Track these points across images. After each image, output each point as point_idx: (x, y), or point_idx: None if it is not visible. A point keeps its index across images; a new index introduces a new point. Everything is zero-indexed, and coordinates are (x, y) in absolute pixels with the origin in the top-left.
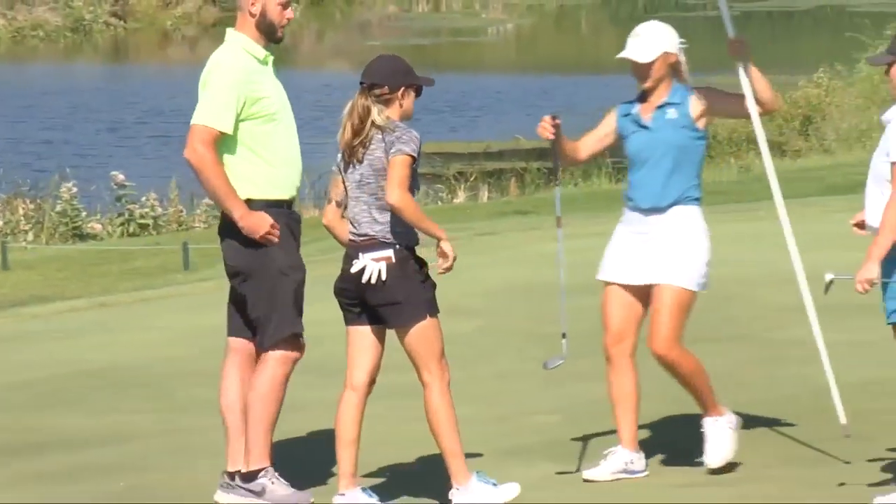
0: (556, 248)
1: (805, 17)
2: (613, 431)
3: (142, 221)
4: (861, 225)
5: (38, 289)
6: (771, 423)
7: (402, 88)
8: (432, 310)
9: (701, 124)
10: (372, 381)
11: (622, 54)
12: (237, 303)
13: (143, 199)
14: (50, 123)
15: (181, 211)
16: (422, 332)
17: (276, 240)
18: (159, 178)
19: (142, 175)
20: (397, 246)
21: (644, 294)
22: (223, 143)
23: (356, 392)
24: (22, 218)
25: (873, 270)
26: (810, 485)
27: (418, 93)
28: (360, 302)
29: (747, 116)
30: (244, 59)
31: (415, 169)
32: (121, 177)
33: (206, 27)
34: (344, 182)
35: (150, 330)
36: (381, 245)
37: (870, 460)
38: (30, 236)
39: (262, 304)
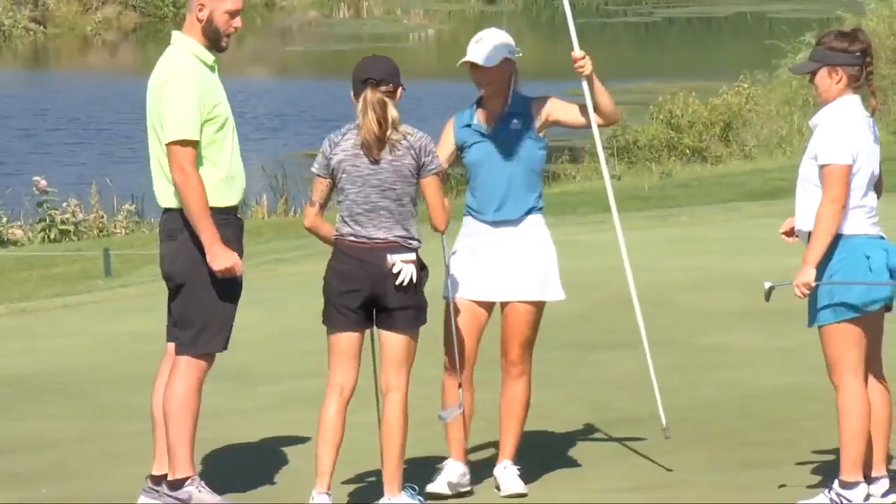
0: None
1: (725, 24)
2: (537, 435)
3: (63, 227)
4: (790, 232)
5: None
6: (694, 428)
7: (399, 87)
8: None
9: (542, 133)
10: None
11: (465, 59)
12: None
13: (64, 204)
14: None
15: (102, 217)
16: (415, 337)
17: (235, 279)
18: (79, 183)
19: (62, 181)
20: (416, 251)
21: (487, 309)
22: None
23: (343, 397)
24: None
25: (810, 274)
26: (735, 489)
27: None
28: (368, 304)
29: (587, 126)
30: (195, 64)
31: None
32: (43, 182)
33: (127, 32)
34: (336, 179)
35: (71, 336)
36: (403, 248)
37: (795, 464)
38: None
39: (188, 312)
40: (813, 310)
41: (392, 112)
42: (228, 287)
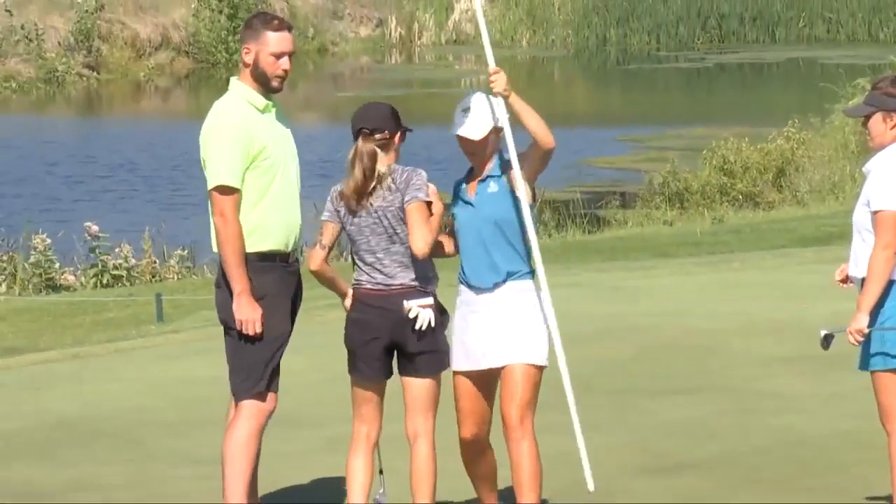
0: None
1: (776, 70)
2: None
3: (115, 272)
4: (845, 279)
5: (10, 340)
6: (745, 474)
7: (399, 132)
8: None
9: (529, 192)
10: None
11: (456, 131)
12: None
13: (117, 250)
14: (21, 175)
15: (154, 262)
16: (438, 381)
17: (252, 333)
18: (132, 229)
19: (115, 226)
20: (433, 294)
21: (491, 377)
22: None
23: (369, 445)
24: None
25: (864, 321)
26: None
27: (403, 137)
28: (389, 350)
29: (542, 159)
30: (243, 109)
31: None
32: (94, 228)
33: (179, 78)
34: (345, 229)
35: (121, 381)
36: (419, 293)
37: None
38: (2, 287)
39: (235, 357)
40: (865, 354)
41: (380, 166)
42: (262, 334)
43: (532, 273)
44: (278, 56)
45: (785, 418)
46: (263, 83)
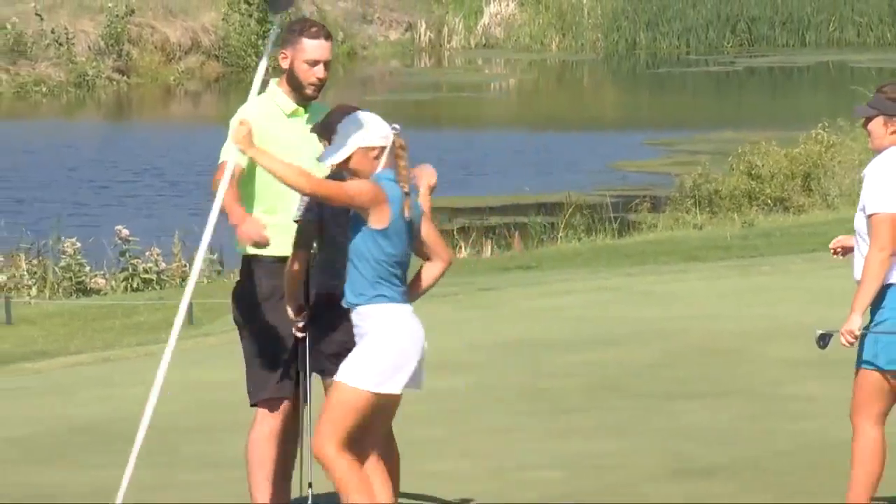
0: (558, 303)
1: (806, 74)
2: (611, 486)
3: (145, 276)
4: (839, 251)
5: (41, 344)
6: (769, 478)
7: None
8: None
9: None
10: None
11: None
12: None
13: (147, 253)
14: (50, 179)
15: (184, 265)
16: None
17: (259, 239)
18: (162, 232)
19: (144, 230)
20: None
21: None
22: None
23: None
24: (25, 273)
25: (856, 322)
26: None
27: None
28: None
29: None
30: (264, 107)
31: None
32: (125, 231)
33: (209, 82)
34: None
35: (150, 384)
36: None
37: None
38: (33, 291)
39: (246, 362)
40: (859, 354)
41: None
42: (267, 338)
43: (383, 297)
44: (313, 64)
45: (811, 422)
46: (298, 89)
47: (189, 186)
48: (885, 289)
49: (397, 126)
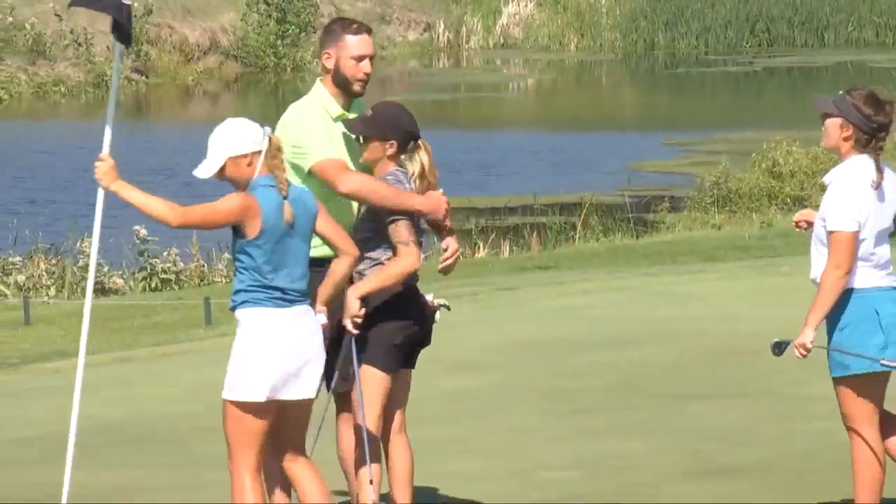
0: (576, 303)
1: (826, 74)
2: (630, 485)
3: (164, 276)
4: (801, 224)
5: (59, 343)
6: (791, 479)
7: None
8: None
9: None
10: None
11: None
12: None
13: (165, 253)
14: (70, 177)
15: (202, 266)
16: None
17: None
18: (180, 233)
19: (162, 230)
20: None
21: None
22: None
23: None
24: (44, 273)
25: (809, 336)
26: None
27: None
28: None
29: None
30: (318, 111)
31: None
32: (143, 231)
33: (228, 82)
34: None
35: (169, 385)
36: None
37: None
38: (52, 291)
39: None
40: (830, 362)
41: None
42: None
43: (244, 304)
44: (358, 59)
45: (830, 423)
46: (345, 88)
47: (207, 187)
48: (846, 293)
49: (269, 128)
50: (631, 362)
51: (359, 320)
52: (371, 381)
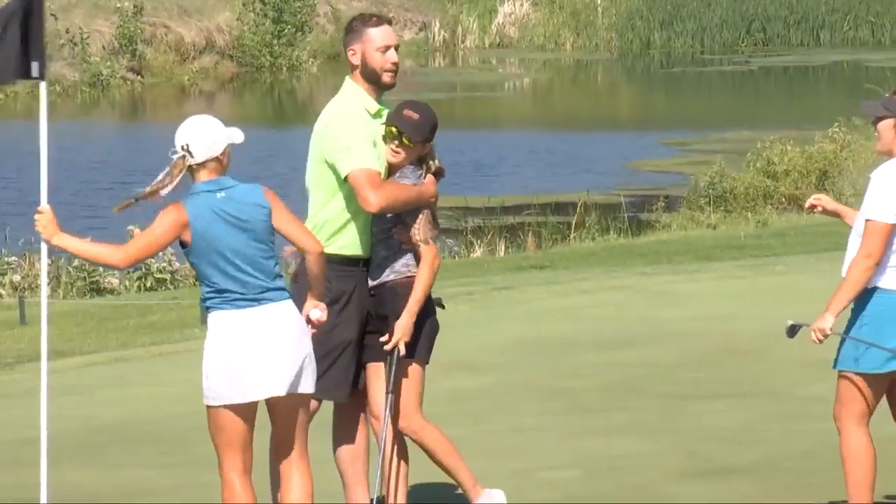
0: (572, 303)
1: (822, 73)
2: (631, 485)
3: (159, 276)
4: (815, 206)
5: (54, 344)
6: (792, 479)
7: None
8: None
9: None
10: None
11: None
12: None
13: (160, 253)
14: (65, 177)
15: None
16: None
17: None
18: None
19: None
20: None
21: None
22: (323, 186)
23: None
24: (39, 272)
25: (829, 321)
26: None
27: None
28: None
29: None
30: (362, 113)
31: None
32: (137, 231)
33: (223, 82)
34: None
35: (166, 385)
36: None
37: None
38: (47, 291)
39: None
40: (839, 353)
41: None
42: (336, 338)
43: (208, 308)
44: (384, 50)
45: (831, 423)
46: (374, 81)
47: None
48: (868, 292)
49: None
50: (630, 362)
51: (406, 339)
52: (420, 377)
